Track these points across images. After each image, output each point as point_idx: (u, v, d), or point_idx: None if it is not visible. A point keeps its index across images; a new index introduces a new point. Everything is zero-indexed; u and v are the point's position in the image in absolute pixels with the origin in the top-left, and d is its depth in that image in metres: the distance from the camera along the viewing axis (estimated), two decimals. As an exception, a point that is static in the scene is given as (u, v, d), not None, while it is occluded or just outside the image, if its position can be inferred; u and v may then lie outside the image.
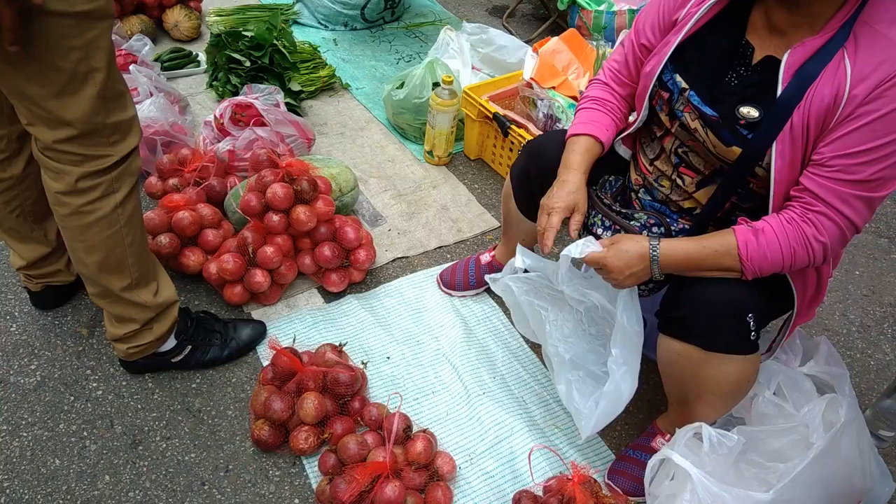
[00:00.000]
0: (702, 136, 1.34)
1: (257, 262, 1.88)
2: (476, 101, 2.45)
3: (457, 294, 2.05)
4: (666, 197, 1.49)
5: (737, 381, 1.37)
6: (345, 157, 2.58)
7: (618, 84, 1.56)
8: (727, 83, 1.32)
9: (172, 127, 2.29)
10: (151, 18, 3.04)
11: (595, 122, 1.52)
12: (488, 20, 3.69)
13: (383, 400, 1.73)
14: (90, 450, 1.59)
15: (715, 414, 1.47)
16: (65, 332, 1.83)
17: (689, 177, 1.43)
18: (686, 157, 1.43)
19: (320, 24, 3.37)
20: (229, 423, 1.67)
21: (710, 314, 1.31)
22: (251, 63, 2.62)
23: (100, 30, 1.21)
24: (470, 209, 2.41)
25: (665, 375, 1.50)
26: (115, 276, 1.48)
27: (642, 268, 1.34)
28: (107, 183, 1.36)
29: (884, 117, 1.13)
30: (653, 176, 1.51)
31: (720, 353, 1.32)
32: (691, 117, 1.35)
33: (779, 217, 1.24)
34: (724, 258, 1.27)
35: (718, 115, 1.31)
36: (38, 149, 1.33)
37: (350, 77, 3.04)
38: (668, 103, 1.41)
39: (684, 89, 1.36)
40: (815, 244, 1.21)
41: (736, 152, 1.30)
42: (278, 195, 1.86)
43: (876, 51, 1.13)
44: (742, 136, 1.28)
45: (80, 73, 1.21)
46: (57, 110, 1.24)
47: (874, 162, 1.15)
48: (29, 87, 1.20)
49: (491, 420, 1.71)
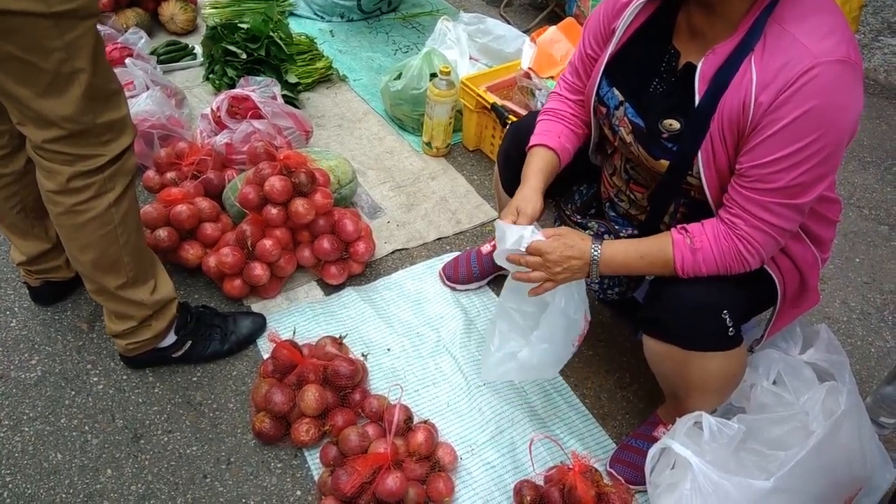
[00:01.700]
0: (636, 151, 1.36)
1: (256, 256, 1.87)
2: (474, 92, 2.44)
3: (461, 288, 2.05)
4: (626, 211, 1.53)
5: (722, 376, 1.38)
6: (343, 149, 2.57)
7: (571, 93, 1.57)
8: (653, 92, 1.32)
9: (169, 120, 2.28)
10: (147, 11, 3.03)
11: (549, 132, 1.54)
12: (485, 10, 3.67)
13: (384, 392, 1.73)
14: (92, 444, 1.59)
15: (709, 406, 1.47)
16: (65, 328, 1.83)
17: (639, 192, 1.47)
18: (634, 173, 1.45)
19: (316, 16, 3.36)
20: (230, 416, 1.68)
21: (686, 315, 1.31)
22: (247, 55, 2.60)
23: (82, 29, 1.20)
24: (469, 200, 2.41)
25: (655, 373, 1.52)
26: (110, 274, 1.48)
27: (580, 265, 1.34)
28: (99, 182, 1.35)
29: (790, 124, 1.10)
30: (613, 191, 1.55)
31: (700, 351, 1.33)
32: (626, 131, 1.37)
33: (714, 230, 1.25)
34: (660, 268, 1.30)
35: (645, 127, 1.32)
36: (31, 147, 1.33)
37: (347, 69, 3.02)
38: (607, 118, 1.42)
39: (621, 102, 1.37)
40: (748, 257, 1.23)
41: (664, 165, 1.31)
42: (276, 188, 1.85)
43: (779, 53, 1.10)
44: (667, 149, 1.29)
45: (64, 73, 1.20)
46: (43, 110, 1.23)
47: (789, 169, 1.13)
48: (14, 87, 1.20)
49: (491, 411, 1.72)
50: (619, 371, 1.88)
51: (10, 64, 1.17)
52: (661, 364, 1.45)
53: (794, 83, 1.08)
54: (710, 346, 1.32)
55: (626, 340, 1.96)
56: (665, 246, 1.28)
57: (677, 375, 1.42)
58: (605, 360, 1.91)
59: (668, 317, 1.33)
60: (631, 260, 1.32)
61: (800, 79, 1.07)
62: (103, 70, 1.28)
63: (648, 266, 1.32)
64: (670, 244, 1.27)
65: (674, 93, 1.28)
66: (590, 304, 2.03)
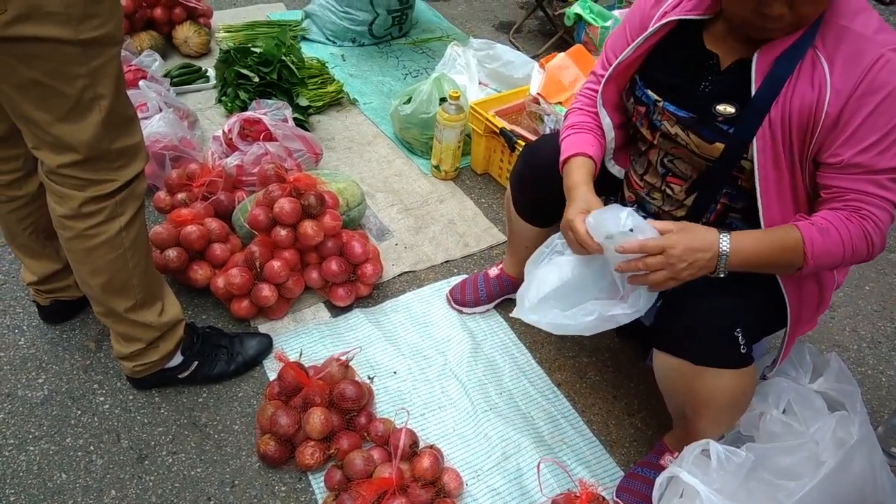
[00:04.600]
0: (683, 140, 1.37)
1: (264, 277, 1.88)
2: (483, 116, 2.46)
3: (468, 311, 2.05)
4: (658, 209, 1.52)
5: (731, 394, 1.37)
6: (352, 171, 2.59)
7: (592, 106, 1.57)
8: (700, 91, 1.35)
9: (181, 142, 2.30)
10: (161, 34, 3.07)
11: (581, 142, 1.53)
12: (495, 36, 3.71)
13: (390, 415, 1.72)
14: (97, 464, 1.59)
15: (717, 428, 1.46)
16: (73, 346, 1.83)
17: (677, 185, 1.47)
18: (672, 166, 1.46)
19: (328, 40, 3.40)
20: (235, 437, 1.67)
21: (699, 329, 1.31)
22: (259, 79, 2.63)
23: (107, 57, 1.22)
24: (477, 223, 2.41)
25: (662, 390, 1.51)
26: (119, 297, 1.48)
27: (707, 259, 1.23)
28: (111, 207, 1.36)
29: (877, 108, 1.16)
30: (644, 190, 1.54)
31: (710, 367, 1.32)
32: (670, 124, 1.38)
33: (835, 216, 1.23)
34: (790, 254, 1.24)
35: (696, 116, 1.34)
36: (43, 172, 1.34)
37: (357, 92, 3.05)
38: (646, 116, 1.44)
39: (657, 101, 1.40)
40: (873, 236, 1.22)
41: (719, 148, 1.32)
42: (286, 210, 1.86)
43: (846, 45, 1.18)
44: (722, 132, 1.31)
45: (86, 99, 1.22)
46: (61, 135, 1.24)
47: (890, 146, 1.18)
48: (34, 112, 1.21)
49: (498, 436, 1.70)
50: (627, 397, 1.87)
51: (32, 89, 1.18)
52: (669, 379, 1.44)
53: (870, 71, 1.16)
54: (721, 362, 1.31)
55: (634, 366, 1.95)
56: (790, 230, 1.25)
57: (686, 392, 1.41)
58: (613, 385, 1.89)
59: (681, 331, 1.33)
60: (762, 248, 1.24)
61: (874, 66, 1.16)
62: (123, 96, 1.30)
63: (780, 254, 1.24)
64: (796, 229, 1.25)
65: (724, 88, 1.32)
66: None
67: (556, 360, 1.95)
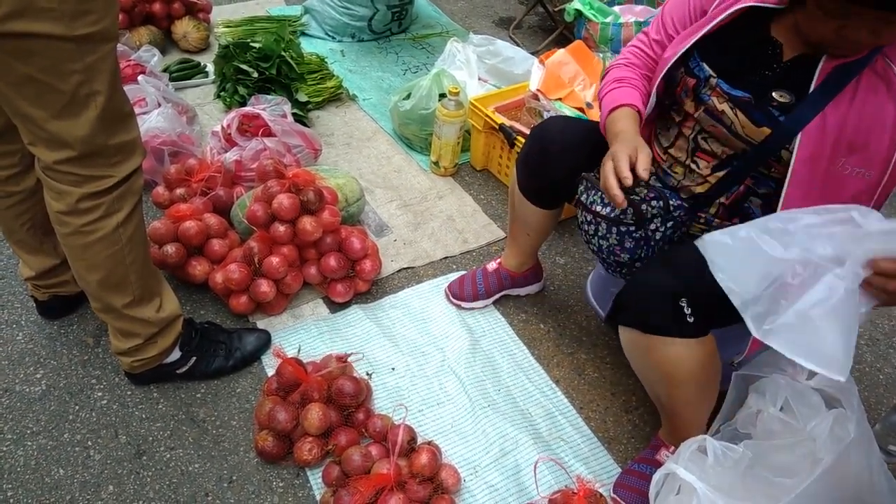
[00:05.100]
0: (729, 118, 1.37)
1: (263, 272, 1.88)
2: (482, 112, 2.46)
3: (466, 305, 2.05)
4: (678, 183, 1.52)
5: (689, 367, 1.38)
6: (351, 167, 2.59)
7: (640, 66, 1.58)
8: (759, 76, 1.35)
9: (180, 137, 2.30)
10: (160, 29, 3.06)
11: (627, 95, 1.51)
12: (495, 31, 3.70)
13: (388, 411, 1.72)
14: (94, 459, 1.59)
15: (691, 407, 1.48)
16: (70, 342, 1.83)
17: (704, 161, 1.47)
18: (704, 143, 1.46)
19: (328, 36, 3.39)
20: (233, 433, 1.67)
21: (643, 297, 1.37)
22: (259, 74, 2.63)
23: (102, 53, 1.21)
24: (476, 220, 2.41)
25: (635, 371, 1.54)
26: (116, 293, 1.48)
27: None
28: (108, 203, 1.36)
29: None
30: (666, 163, 1.54)
31: (657, 335, 1.35)
32: (719, 101, 1.38)
33: None
34: None
35: (750, 97, 1.34)
36: (40, 168, 1.33)
37: (357, 88, 3.05)
38: (693, 89, 1.44)
39: (711, 76, 1.40)
40: None
41: (765, 133, 1.33)
42: (284, 206, 1.86)
43: None
44: (773, 117, 1.32)
45: (81, 95, 1.21)
46: (57, 131, 1.24)
47: None
48: (29, 108, 1.20)
49: (496, 432, 1.71)
50: (626, 394, 1.87)
51: (27, 86, 1.17)
52: (630, 354, 1.48)
53: None
54: (666, 330, 1.34)
55: (632, 363, 1.95)
56: None
57: (646, 367, 1.46)
58: (611, 382, 1.90)
59: (630, 301, 1.39)
60: None
61: None
62: (119, 92, 1.29)
63: None
64: None
65: (783, 77, 1.33)
66: (596, 326, 2.05)
67: (554, 357, 1.95)
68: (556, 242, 2.35)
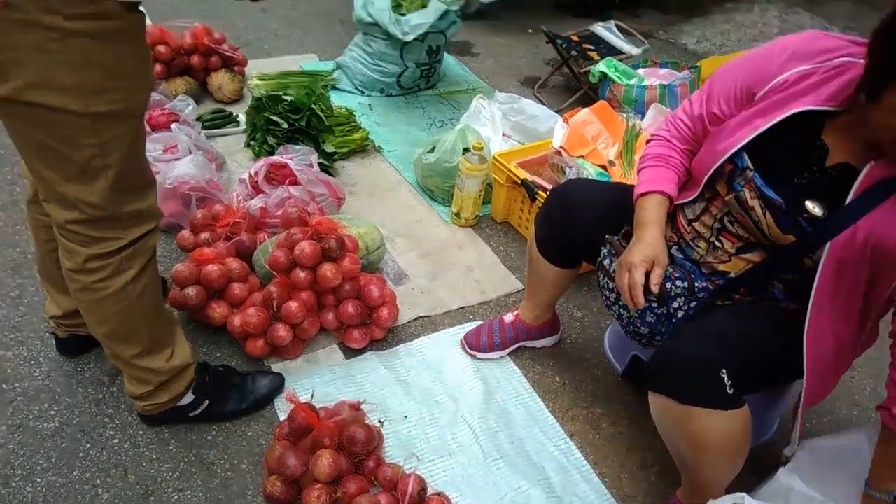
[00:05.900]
0: (758, 216, 1.35)
1: (281, 317, 1.89)
2: (505, 167, 2.48)
3: (482, 356, 2.03)
4: (701, 257, 1.49)
5: (723, 437, 1.33)
6: (373, 216, 2.62)
7: (681, 141, 1.55)
8: (797, 180, 1.32)
9: (208, 183, 2.36)
10: (196, 81, 3.17)
11: (663, 178, 1.51)
12: (520, 90, 3.77)
13: (399, 460, 1.70)
14: (102, 498, 1.58)
15: (718, 475, 1.43)
16: (87, 379, 1.84)
17: (729, 242, 1.44)
18: (730, 225, 1.43)
19: (357, 90, 3.48)
20: (242, 477, 1.65)
21: (683, 367, 1.31)
22: (289, 125, 2.70)
23: (122, 129, 1.23)
24: (494, 271, 2.41)
25: (661, 435, 1.48)
26: (125, 345, 1.49)
27: None
28: (116, 263, 1.37)
29: None
30: (689, 235, 1.51)
31: (695, 406, 1.30)
32: (751, 195, 1.36)
33: None
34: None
35: (783, 202, 1.31)
36: (54, 225, 1.36)
37: (383, 140, 3.11)
38: (728, 174, 1.41)
39: (749, 168, 1.36)
40: None
41: (789, 240, 1.31)
42: (306, 252, 1.88)
43: None
44: (801, 227, 1.29)
45: (93, 167, 1.23)
46: (69, 194, 1.26)
47: None
48: (43, 169, 1.24)
49: (508, 486, 1.67)
50: (642, 451, 1.82)
51: (42, 150, 1.20)
52: (662, 421, 1.43)
53: None
54: (705, 402, 1.30)
55: (649, 419, 1.88)
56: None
57: (679, 435, 1.39)
58: (628, 438, 1.85)
59: (667, 369, 1.34)
60: None
61: None
62: (136, 165, 1.31)
63: None
64: None
65: (820, 186, 1.30)
66: (612, 381, 2.01)
67: (569, 410, 1.91)
68: (574, 295, 2.34)
